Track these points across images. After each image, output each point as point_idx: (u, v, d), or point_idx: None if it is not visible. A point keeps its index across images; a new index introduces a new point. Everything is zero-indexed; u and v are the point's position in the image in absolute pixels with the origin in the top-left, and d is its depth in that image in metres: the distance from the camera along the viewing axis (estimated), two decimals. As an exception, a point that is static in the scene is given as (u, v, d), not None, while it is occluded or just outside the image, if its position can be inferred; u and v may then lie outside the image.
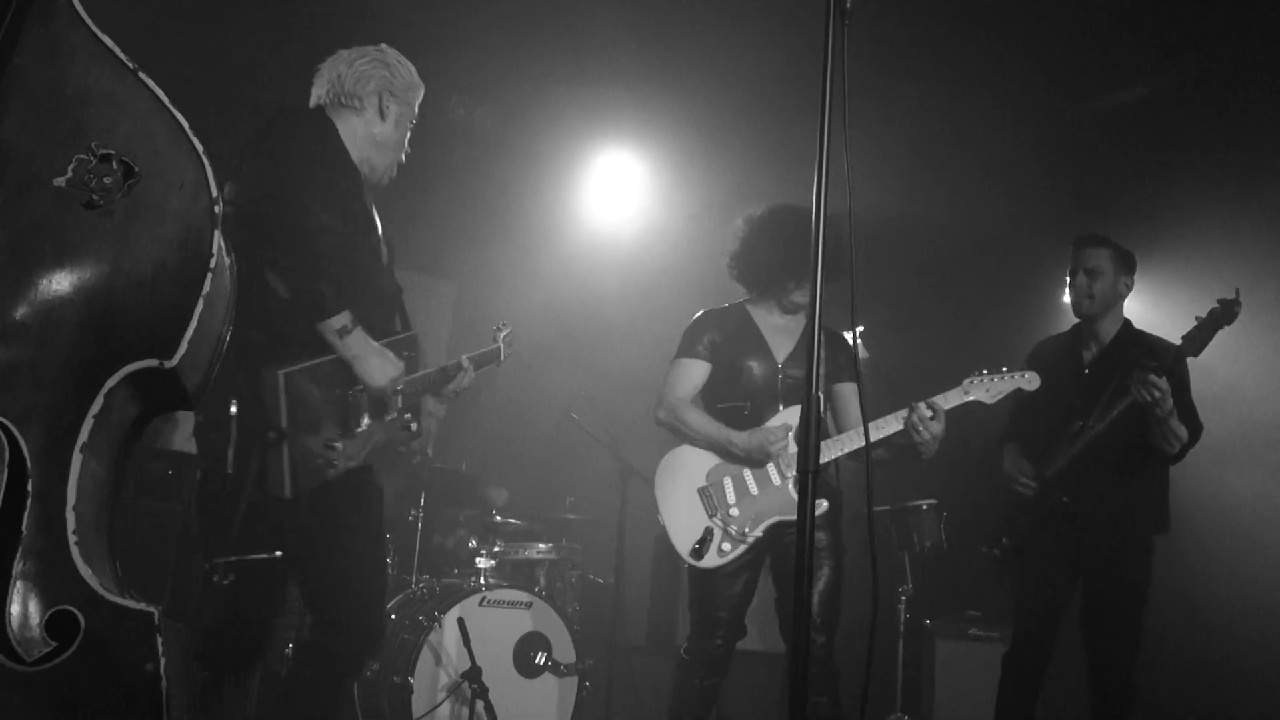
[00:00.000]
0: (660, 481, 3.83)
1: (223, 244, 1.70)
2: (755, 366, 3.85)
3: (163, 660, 1.57)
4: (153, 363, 1.63)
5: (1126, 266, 4.26)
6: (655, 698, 5.70)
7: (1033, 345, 4.52)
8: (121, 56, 1.68)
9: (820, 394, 1.84)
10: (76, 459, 1.59)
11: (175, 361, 1.62)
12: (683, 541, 3.73)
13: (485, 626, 4.41)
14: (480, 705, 4.23)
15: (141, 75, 1.68)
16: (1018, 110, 5.85)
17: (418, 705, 4.18)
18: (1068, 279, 4.36)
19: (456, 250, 6.50)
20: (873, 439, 3.61)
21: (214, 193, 1.68)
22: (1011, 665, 4.14)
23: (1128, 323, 4.31)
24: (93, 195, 1.59)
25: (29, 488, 1.54)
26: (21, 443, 1.54)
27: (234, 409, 2.77)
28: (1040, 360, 4.23)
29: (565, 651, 4.59)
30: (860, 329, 3.96)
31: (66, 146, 1.62)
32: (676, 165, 6.54)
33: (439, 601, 4.38)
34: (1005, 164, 6.05)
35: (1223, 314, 3.85)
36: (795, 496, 3.57)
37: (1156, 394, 3.76)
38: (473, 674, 4.25)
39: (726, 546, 3.69)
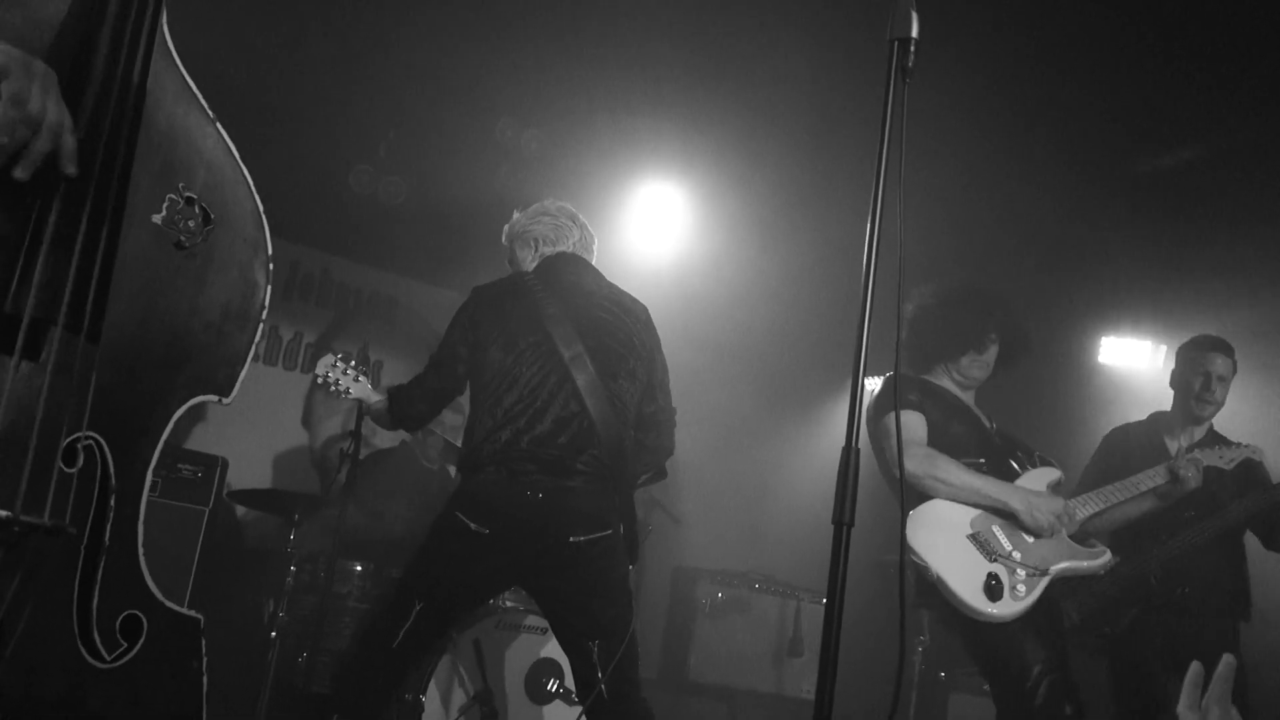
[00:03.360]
0: (917, 536, 3.52)
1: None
2: (960, 424, 3.78)
3: (205, 660, 1.78)
4: (213, 398, 1.81)
5: (1235, 372, 4.44)
6: (665, 732, 5.70)
7: (1067, 406, 4.58)
8: (203, 103, 1.80)
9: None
10: (148, 479, 1.76)
11: (230, 399, 1.82)
12: (968, 589, 3.41)
13: (500, 650, 4.42)
14: (489, 728, 4.24)
15: (218, 125, 1.80)
16: (1053, 169, 5.85)
17: (428, 723, 4.19)
18: (1189, 377, 4.45)
19: (495, 273, 6.54)
20: (1141, 490, 3.85)
21: (269, 250, 1.86)
22: None
23: (1210, 424, 4.44)
24: (180, 236, 1.70)
25: (112, 502, 1.68)
26: (110, 460, 1.68)
27: None
28: (1120, 449, 4.30)
29: (578, 680, 4.58)
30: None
31: (159, 184, 1.72)
32: (717, 198, 6.57)
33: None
34: (1044, 224, 6.06)
35: None
36: (1072, 543, 3.60)
37: None
38: (484, 696, 4.25)
39: (1022, 589, 3.41)
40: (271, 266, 1.87)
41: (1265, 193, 5.61)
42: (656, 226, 6.71)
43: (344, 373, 3.90)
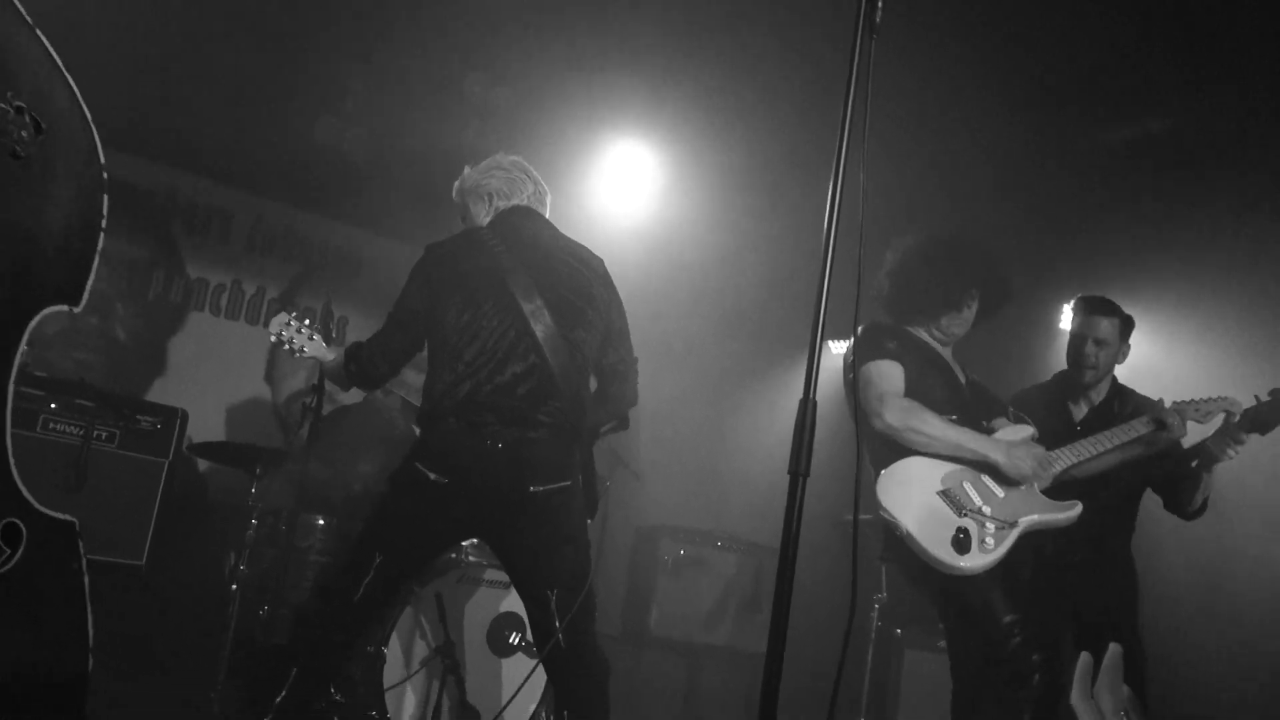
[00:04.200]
0: (889, 492, 3.55)
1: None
2: (936, 378, 3.76)
3: (84, 560, 1.85)
4: (63, 308, 1.84)
5: (1128, 333, 4.37)
6: (627, 683, 5.75)
7: (1028, 370, 4.60)
8: (20, 8, 1.76)
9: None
10: (10, 390, 1.78)
11: (80, 308, 1.86)
12: (936, 542, 3.42)
13: (462, 603, 4.44)
14: (451, 680, 4.26)
15: (38, 32, 1.77)
16: (1033, 133, 5.87)
17: (389, 675, 4.20)
18: (1071, 336, 4.41)
19: (459, 227, 6.52)
20: (1124, 441, 3.83)
21: (102, 159, 1.86)
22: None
23: (1114, 379, 4.38)
24: (15, 146, 1.69)
25: None
26: None
27: None
28: (1026, 410, 4.27)
29: (539, 634, 4.61)
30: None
31: None
32: (688, 159, 6.56)
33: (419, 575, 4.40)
34: (1014, 185, 6.09)
35: None
36: (1043, 496, 3.60)
37: (1237, 452, 3.90)
38: (446, 649, 4.27)
39: (990, 542, 3.42)
40: (105, 175, 1.89)
41: (1230, 164, 5.66)
42: (627, 185, 6.70)
43: (298, 331, 3.88)
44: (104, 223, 1.85)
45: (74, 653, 1.84)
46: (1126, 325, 4.35)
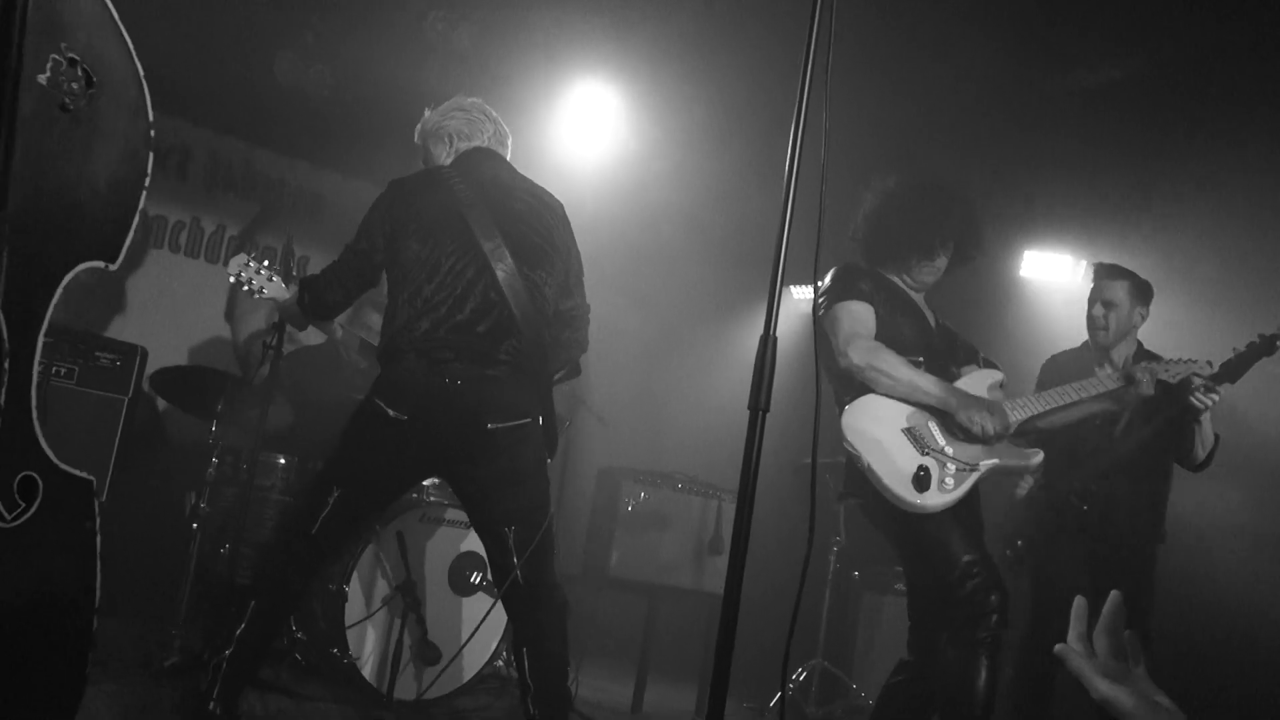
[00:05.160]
0: (853, 426, 3.55)
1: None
2: (907, 322, 3.76)
3: (98, 519, 1.87)
4: (99, 264, 1.84)
5: (1143, 298, 4.50)
6: (588, 624, 5.82)
7: (988, 318, 4.65)
8: None
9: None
10: (40, 343, 1.78)
11: (117, 265, 1.85)
12: (896, 479, 3.43)
13: (423, 542, 4.46)
14: (412, 618, 4.30)
15: None
16: (991, 79, 5.87)
17: (351, 613, 4.24)
18: (1087, 303, 4.57)
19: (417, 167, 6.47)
20: (1090, 395, 3.86)
21: (150, 116, 1.86)
22: (1026, 664, 4.30)
23: (1140, 345, 4.48)
24: (65, 99, 1.68)
25: (5, 365, 1.70)
26: (2, 324, 1.70)
27: None
28: (1057, 373, 4.36)
29: (500, 573, 4.64)
30: None
31: (43, 41, 1.69)
32: (650, 98, 6.51)
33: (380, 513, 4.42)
34: (975, 132, 6.11)
35: (1263, 346, 4.02)
36: (1007, 443, 3.61)
37: (1213, 401, 3.96)
38: (407, 587, 4.31)
39: (950, 482, 3.44)
40: (153, 133, 1.87)
41: (1189, 112, 5.70)
42: (589, 126, 6.65)
43: (257, 272, 3.86)
44: (147, 180, 1.86)
45: (80, 610, 1.85)
46: (1140, 289, 4.48)
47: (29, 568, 1.74)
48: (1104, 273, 4.54)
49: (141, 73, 1.85)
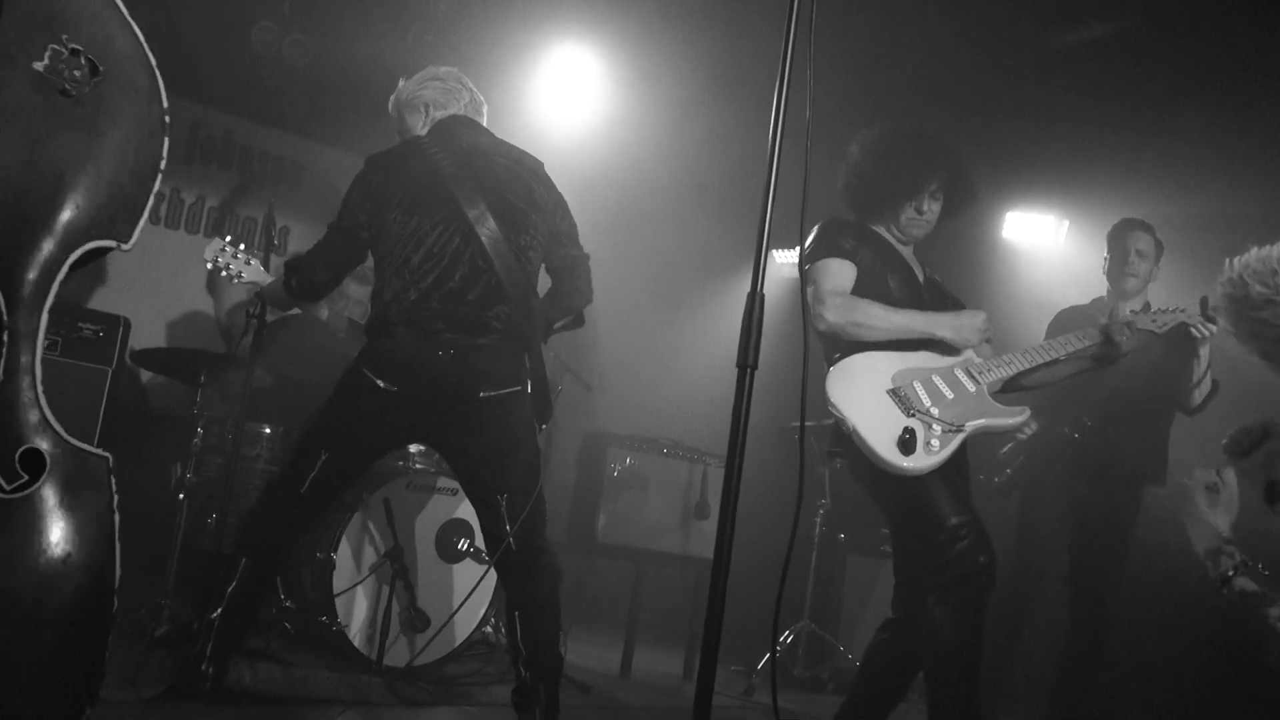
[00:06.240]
0: (837, 389, 3.49)
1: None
2: (894, 276, 3.70)
3: (115, 498, 1.84)
4: (111, 244, 1.87)
5: (1160, 255, 4.72)
6: (576, 588, 5.84)
7: (970, 280, 4.70)
8: None
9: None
10: (44, 319, 1.82)
11: (130, 246, 1.89)
12: (882, 442, 3.38)
13: (411, 509, 4.47)
14: (400, 585, 4.31)
15: None
16: (979, 38, 5.83)
17: (339, 581, 4.25)
18: (1105, 256, 4.76)
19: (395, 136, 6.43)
20: (1070, 352, 3.76)
21: (164, 102, 1.92)
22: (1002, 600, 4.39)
23: (1148, 303, 4.63)
24: (65, 85, 1.74)
25: (4, 336, 1.75)
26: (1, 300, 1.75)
27: None
28: (1065, 329, 4.38)
29: (488, 540, 4.66)
30: None
31: (41, 32, 1.76)
32: (632, 62, 6.46)
33: (366, 481, 4.41)
34: (961, 92, 6.08)
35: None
36: (993, 400, 3.59)
37: (1211, 332, 4.03)
38: (394, 554, 4.32)
39: (936, 444, 3.39)
40: (168, 119, 1.93)
41: (1181, 68, 5.67)
42: (570, 91, 6.60)
43: (234, 257, 3.85)
44: (163, 164, 1.90)
45: (97, 591, 1.83)
46: (1160, 247, 4.68)
47: (43, 540, 1.73)
48: (1134, 225, 4.73)
49: (154, 62, 1.92)
